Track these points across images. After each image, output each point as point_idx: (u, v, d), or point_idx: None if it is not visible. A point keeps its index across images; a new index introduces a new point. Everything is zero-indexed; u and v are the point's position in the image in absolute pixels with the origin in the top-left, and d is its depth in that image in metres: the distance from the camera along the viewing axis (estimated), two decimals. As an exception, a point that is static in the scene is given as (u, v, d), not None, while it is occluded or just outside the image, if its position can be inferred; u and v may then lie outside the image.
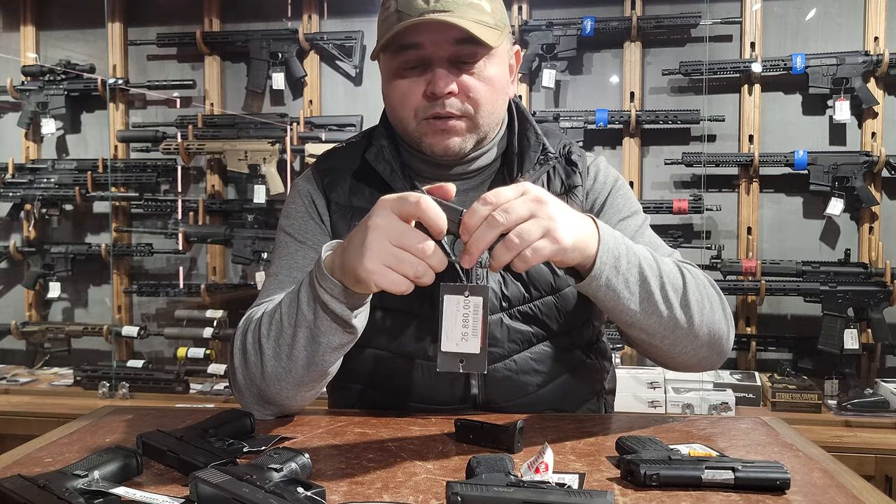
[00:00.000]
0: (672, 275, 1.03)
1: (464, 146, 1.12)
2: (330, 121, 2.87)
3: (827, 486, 0.83)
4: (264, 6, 2.97)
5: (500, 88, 1.12)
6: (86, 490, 0.77)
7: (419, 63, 1.09)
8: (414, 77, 1.10)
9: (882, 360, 2.61)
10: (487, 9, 1.07)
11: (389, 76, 1.13)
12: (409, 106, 1.11)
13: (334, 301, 0.95)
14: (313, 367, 1.02)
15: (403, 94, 1.11)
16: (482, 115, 1.11)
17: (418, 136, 1.13)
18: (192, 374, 2.82)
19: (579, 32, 2.68)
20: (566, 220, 0.90)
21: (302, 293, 0.99)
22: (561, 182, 1.19)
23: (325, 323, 0.97)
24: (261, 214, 2.88)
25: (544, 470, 0.81)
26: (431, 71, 1.08)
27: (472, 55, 1.08)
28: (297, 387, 1.04)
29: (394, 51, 1.09)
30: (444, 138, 1.11)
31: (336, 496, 0.80)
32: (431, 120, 1.10)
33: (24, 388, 2.80)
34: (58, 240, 3.11)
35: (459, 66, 1.08)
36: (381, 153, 1.18)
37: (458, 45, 1.06)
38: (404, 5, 1.06)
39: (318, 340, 0.99)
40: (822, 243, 2.68)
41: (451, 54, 1.07)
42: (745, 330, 2.69)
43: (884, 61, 2.51)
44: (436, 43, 1.06)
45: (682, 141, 2.74)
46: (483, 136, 1.14)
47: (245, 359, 1.06)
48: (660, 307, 1.01)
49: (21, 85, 3.03)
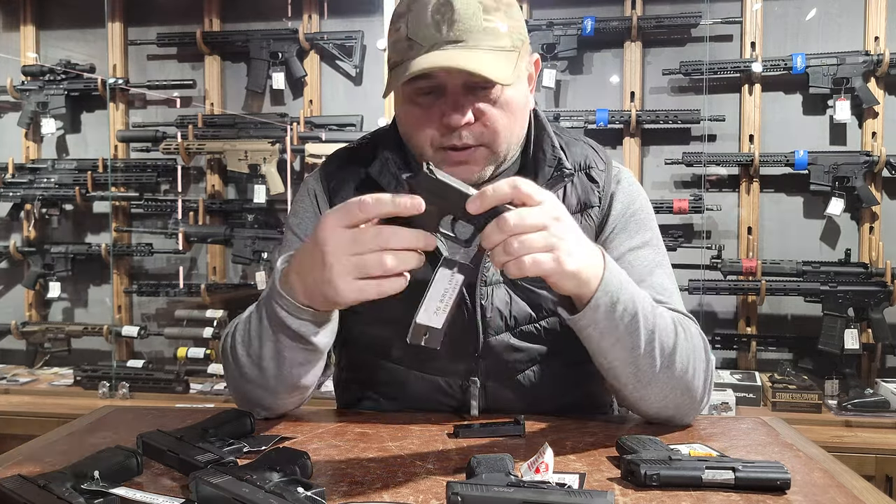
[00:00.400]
0: (665, 333, 0.99)
1: (482, 175, 1.06)
2: (330, 121, 2.87)
3: (827, 486, 0.83)
4: (264, 6, 2.97)
5: (518, 111, 1.06)
6: (86, 490, 0.77)
7: (432, 90, 1.03)
8: (427, 104, 1.03)
9: (882, 360, 2.61)
10: (503, 29, 1.00)
11: (402, 100, 1.07)
12: (422, 135, 1.04)
13: (291, 318, 0.93)
14: (283, 379, 1.01)
15: (418, 120, 1.04)
16: (500, 144, 1.05)
17: (435, 163, 1.08)
18: (192, 374, 2.82)
19: (579, 32, 2.68)
20: (575, 246, 0.87)
21: (263, 307, 0.98)
22: (577, 199, 1.13)
23: (285, 340, 0.96)
24: (261, 214, 2.88)
25: (544, 470, 0.81)
26: (444, 98, 1.02)
27: (489, 80, 1.00)
28: (274, 395, 1.05)
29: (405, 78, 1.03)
30: (462, 169, 1.04)
31: (336, 496, 0.80)
32: (448, 151, 1.04)
33: (24, 388, 2.80)
34: (58, 240, 3.11)
35: (475, 91, 1.02)
36: (386, 166, 1.12)
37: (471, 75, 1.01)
38: (414, 32, 0.99)
39: (283, 355, 0.98)
40: (823, 243, 2.68)
41: (465, 81, 1.00)
42: (745, 330, 2.69)
43: (884, 61, 2.50)
44: (448, 72, 1.00)
45: (682, 141, 2.74)
46: (502, 160, 1.08)
47: (227, 362, 1.07)
48: (640, 362, 0.98)
49: (21, 85, 3.02)
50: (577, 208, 1.13)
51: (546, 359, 1.12)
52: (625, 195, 1.16)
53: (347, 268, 0.83)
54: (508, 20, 1.01)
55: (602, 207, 1.14)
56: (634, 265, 1.11)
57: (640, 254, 1.13)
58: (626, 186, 1.18)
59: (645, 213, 1.17)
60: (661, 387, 1.01)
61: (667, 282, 1.12)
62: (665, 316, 1.01)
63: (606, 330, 0.95)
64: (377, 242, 0.81)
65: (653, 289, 1.09)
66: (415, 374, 1.14)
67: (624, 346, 0.97)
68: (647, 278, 1.10)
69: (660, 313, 1.00)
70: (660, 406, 1.04)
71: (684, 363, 1.01)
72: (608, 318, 0.94)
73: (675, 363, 1.00)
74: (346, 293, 0.84)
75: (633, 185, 1.19)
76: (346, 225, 0.83)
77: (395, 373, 1.15)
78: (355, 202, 0.82)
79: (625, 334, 0.96)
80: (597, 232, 1.15)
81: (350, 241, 0.82)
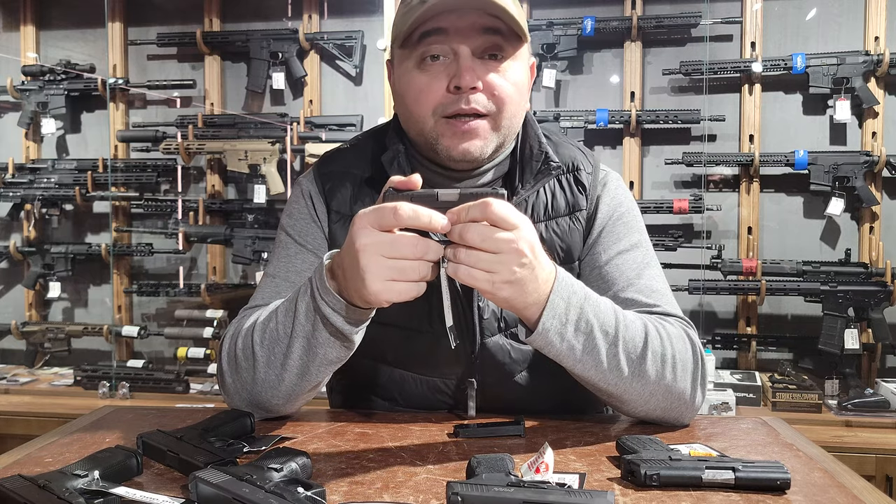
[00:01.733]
0: (631, 344, 0.99)
1: (485, 149, 1.05)
2: (330, 121, 2.87)
3: (827, 486, 0.83)
4: (264, 6, 2.97)
5: (522, 92, 1.07)
6: (86, 490, 0.77)
7: (443, 53, 1.02)
8: (435, 71, 1.02)
9: (882, 360, 2.61)
10: (514, 8, 1.02)
11: (407, 70, 1.05)
12: (427, 103, 1.03)
13: (336, 315, 0.93)
14: (306, 377, 1.01)
15: (422, 89, 1.03)
16: (506, 117, 1.05)
17: (435, 137, 1.05)
18: (192, 374, 2.82)
19: (580, 32, 2.68)
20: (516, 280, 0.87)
21: (300, 304, 0.97)
22: (566, 202, 1.15)
23: (324, 336, 0.96)
24: (261, 214, 2.88)
25: (545, 470, 0.81)
26: (456, 63, 1.01)
27: (499, 48, 1.02)
28: (287, 396, 1.04)
29: (415, 40, 1.03)
30: (464, 140, 1.03)
31: (336, 496, 0.80)
32: (451, 120, 1.03)
33: (24, 388, 2.80)
34: (58, 240, 3.11)
35: (486, 61, 1.02)
36: (397, 158, 1.12)
37: (484, 36, 1.01)
38: None
39: (315, 352, 0.98)
40: (823, 243, 2.68)
41: (476, 46, 1.01)
42: (745, 330, 2.69)
43: (884, 61, 2.50)
44: (462, 31, 1.00)
45: (682, 141, 2.74)
46: (503, 140, 1.08)
47: (236, 364, 1.05)
48: (607, 377, 0.99)
49: (21, 85, 3.02)
50: (566, 211, 1.14)
51: (539, 360, 1.12)
52: (611, 198, 1.17)
53: (385, 270, 0.84)
54: (515, 6, 1.04)
55: (588, 210, 1.15)
56: (622, 268, 1.12)
57: (627, 257, 1.13)
58: (613, 190, 1.18)
59: (632, 217, 1.18)
60: (638, 392, 1.01)
61: (655, 283, 1.12)
62: (633, 325, 1.00)
63: (563, 351, 0.96)
64: (416, 252, 0.84)
65: (640, 292, 1.09)
66: (412, 375, 1.14)
67: (586, 365, 0.98)
68: (636, 281, 1.10)
69: (626, 324, 0.99)
70: (645, 409, 1.04)
71: (658, 368, 1.00)
72: (560, 340, 0.95)
73: (645, 371, 1.00)
74: (382, 294, 0.85)
75: (619, 189, 1.19)
76: (380, 227, 0.84)
77: (393, 375, 1.15)
78: (390, 208, 0.83)
79: (583, 354, 0.97)
80: (584, 235, 1.16)
81: (388, 245, 0.84)
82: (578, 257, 1.15)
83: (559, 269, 0.95)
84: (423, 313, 1.10)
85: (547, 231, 1.13)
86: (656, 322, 1.04)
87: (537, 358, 1.12)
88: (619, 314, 1.00)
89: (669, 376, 1.01)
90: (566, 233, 1.14)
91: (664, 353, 1.01)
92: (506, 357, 1.12)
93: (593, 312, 0.97)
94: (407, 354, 1.13)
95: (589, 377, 1.00)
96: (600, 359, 0.97)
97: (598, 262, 1.13)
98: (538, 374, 1.14)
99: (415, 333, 1.12)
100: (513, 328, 1.12)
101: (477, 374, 1.12)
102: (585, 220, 1.15)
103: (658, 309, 1.08)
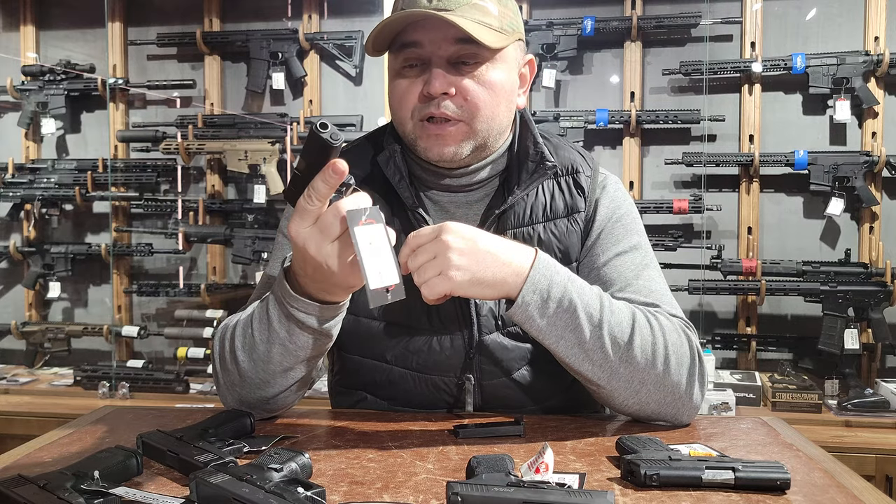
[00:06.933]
0: (618, 327, 1.00)
1: (458, 152, 1.09)
2: (330, 121, 2.86)
3: (827, 486, 0.83)
4: (264, 6, 2.97)
5: (502, 94, 1.09)
6: (86, 490, 0.77)
7: (419, 62, 1.07)
8: (413, 77, 1.08)
9: (882, 360, 2.61)
10: (493, 11, 1.05)
11: (392, 75, 1.11)
12: (406, 106, 1.09)
13: (310, 317, 0.96)
14: (291, 374, 1.03)
15: (402, 94, 1.09)
16: (480, 121, 1.07)
17: (414, 139, 1.10)
18: (192, 374, 2.82)
19: (579, 32, 2.68)
20: (467, 262, 0.93)
21: (272, 312, 0.99)
22: (565, 204, 1.16)
23: (302, 339, 0.98)
24: (261, 214, 2.88)
25: (544, 470, 0.81)
26: (429, 70, 1.06)
27: (473, 56, 1.05)
28: (276, 394, 1.05)
29: (396, 49, 1.08)
30: (438, 144, 1.08)
31: (336, 496, 0.80)
32: (426, 123, 1.07)
33: (24, 388, 2.80)
34: (58, 240, 3.11)
35: (459, 67, 1.06)
36: (393, 158, 1.15)
37: (458, 45, 1.04)
38: (408, 3, 1.05)
39: (295, 354, 1.00)
40: (823, 243, 2.68)
41: (450, 54, 1.05)
42: (745, 330, 2.69)
43: (884, 61, 2.50)
44: (434, 42, 1.04)
45: (682, 141, 2.74)
46: (482, 142, 1.10)
47: (224, 365, 1.07)
48: (592, 356, 1.00)
49: (21, 85, 3.02)
50: (565, 212, 1.16)
51: (536, 357, 1.13)
52: (610, 201, 1.18)
53: (335, 251, 0.87)
54: (500, 6, 1.06)
55: (587, 212, 1.16)
56: (620, 269, 1.12)
57: (626, 258, 1.14)
58: (612, 192, 1.19)
59: (630, 219, 1.19)
60: (628, 380, 1.02)
61: (654, 284, 1.13)
62: (620, 311, 1.02)
63: (545, 326, 0.98)
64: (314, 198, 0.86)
65: (638, 292, 1.10)
66: (411, 374, 1.14)
67: (568, 341, 0.99)
68: (634, 282, 1.11)
69: (612, 308, 1.01)
70: (637, 401, 1.04)
71: (647, 356, 1.01)
72: (542, 314, 0.97)
73: (634, 356, 1.00)
74: (347, 277, 0.89)
75: (618, 192, 1.20)
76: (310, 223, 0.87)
77: (392, 374, 1.15)
78: (301, 200, 0.87)
79: (565, 330, 0.99)
80: (582, 237, 1.16)
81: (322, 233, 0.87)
82: (577, 259, 1.16)
83: (541, 252, 0.99)
84: (421, 311, 1.11)
85: (545, 232, 1.14)
86: (647, 312, 1.05)
87: (535, 355, 1.13)
88: (605, 298, 1.02)
89: (661, 366, 1.02)
90: (564, 234, 1.15)
91: (655, 341, 1.02)
92: (504, 354, 1.13)
93: (577, 293, 0.99)
94: (406, 353, 1.14)
95: (573, 361, 1.00)
96: (583, 338, 0.99)
97: (597, 263, 1.14)
98: (537, 371, 1.14)
99: (413, 331, 1.13)
100: (509, 326, 1.12)
101: (475, 371, 1.13)
102: (584, 223, 1.16)
103: (657, 310, 1.08)
